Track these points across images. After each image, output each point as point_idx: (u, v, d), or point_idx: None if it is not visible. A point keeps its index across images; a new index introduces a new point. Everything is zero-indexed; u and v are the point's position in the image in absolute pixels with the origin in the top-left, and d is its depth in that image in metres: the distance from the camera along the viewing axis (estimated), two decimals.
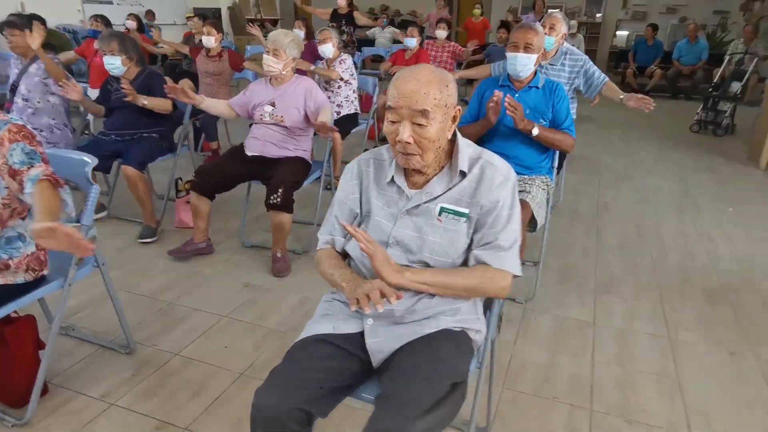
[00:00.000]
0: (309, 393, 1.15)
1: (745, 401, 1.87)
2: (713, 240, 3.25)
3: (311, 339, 1.27)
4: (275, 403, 1.12)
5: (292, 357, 1.24)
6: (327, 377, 1.20)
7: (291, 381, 1.16)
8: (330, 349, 1.25)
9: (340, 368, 1.24)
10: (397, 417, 1.06)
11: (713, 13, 11.24)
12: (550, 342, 2.20)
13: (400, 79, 1.20)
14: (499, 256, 1.24)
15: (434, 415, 1.10)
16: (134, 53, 3.03)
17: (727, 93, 6.14)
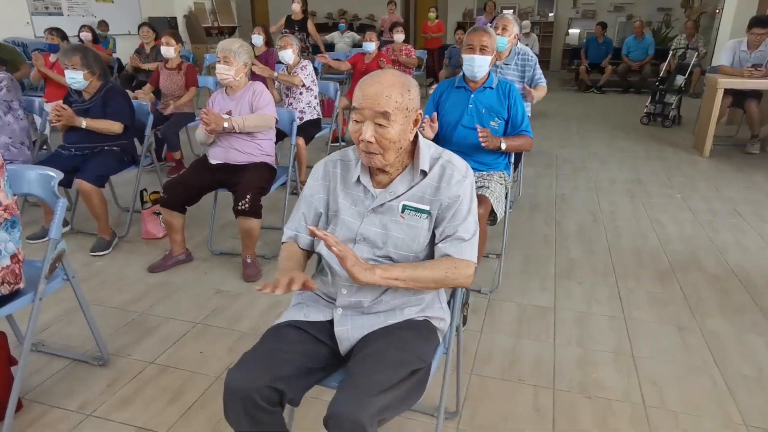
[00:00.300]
0: (279, 372, 1.21)
1: (692, 370, 2.02)
2: (663, 224, 3.45)
3: (283, 324, 1.35)
4: (246, 382, 1.18)
5: (264, 341, 1.30)
6: (297, 359, 1.26)
7: (261, 361, 1.22)
8: (300, 333, 1.33)
9: (309, 351, 1.30)
10: (355, 397, 1.12)
11: (657, 10, 11.76)
12: (514, 328, 2.31)
13: (365, 82, 1.28)
14: (462, 247, 1.33)
15: (391, 395, 1.16)
16: (97, 67, 3.01)
17: (673, 86, 6.46)
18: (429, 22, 8.83)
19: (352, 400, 1.12)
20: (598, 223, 3.48)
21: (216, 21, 11.98)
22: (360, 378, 1.18)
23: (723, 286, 2.66)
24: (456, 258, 1.32)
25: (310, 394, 1.36)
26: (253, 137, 2.82)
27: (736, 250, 3.05)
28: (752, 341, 2.20)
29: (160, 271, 2.80)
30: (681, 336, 2.25)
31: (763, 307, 2.46)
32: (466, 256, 1.32)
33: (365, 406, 1.10)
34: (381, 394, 1.14)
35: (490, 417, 1.80)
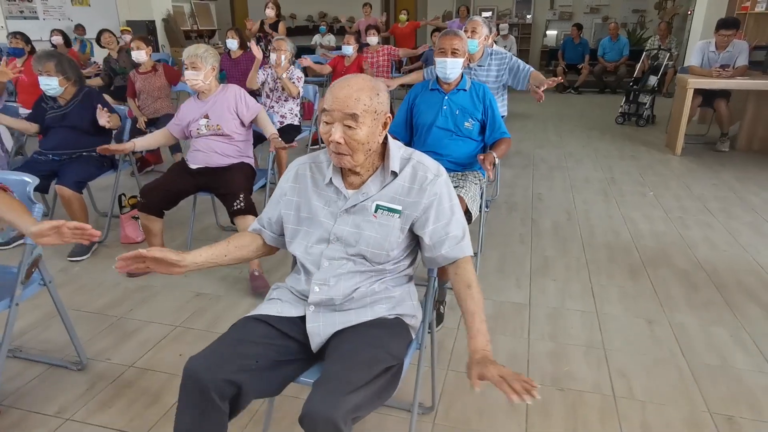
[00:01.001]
0: (240, 365, 1.24)
1: (660, 361, 2.09)
2: (635, 221, 3.54)
3: (252, 317, 1.38)
4: (205, 372, 1.20)
5: (231, 332, 1.33)
6: (263, 352, 1.29)
7: (224, 352, 1.25)
8: (267, 329, 1.36)
9: (277, 346, 1.33)
10: (328, 396, 1.15)
11: (632, 11, 12.01)
12: (490, 325, 2.30)
13: (336, 85, 1.32)
14: (461, 247, 1.40)
15: (365, 392, 1.19)
16: (72, 73, 3.01)
17: (646, 86, 6.61)
18: (399, 24, 8.91)
19: (325, 399, 1.14)
20: (573, 221, 3.56)
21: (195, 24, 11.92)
22: (333, 377, 1.20)
23: (691, 280, 2.75)
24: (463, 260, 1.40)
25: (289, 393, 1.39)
26: (231, 139, 2.84)
27: (705, 246, 3.15)
28: (717, 333, 2.28)
29: (140, 275, 2.80)
30: (650, 329, 2.32)
31: (729, 300, 2.55)
32: (467, 252, 1.40)
33: (339, 405, 1.13)
34: (354, 392, 1.17)
35: (465, 411, 1.84)
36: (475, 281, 1.38)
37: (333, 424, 1.11)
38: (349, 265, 1.38)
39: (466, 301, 1.36)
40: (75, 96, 3.05)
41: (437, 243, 1.39)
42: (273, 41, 4.16)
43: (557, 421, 1.79)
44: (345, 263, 1.38)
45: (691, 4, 9.56)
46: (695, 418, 1.79)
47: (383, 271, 1.41)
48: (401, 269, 1.46)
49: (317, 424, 1.12)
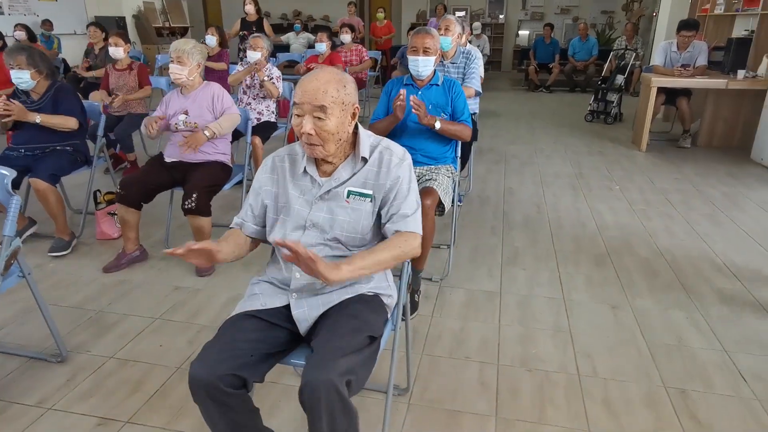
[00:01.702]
0: (240, 360, 1.30)
1: (622, 343, 2.22)
2: (601, 213, 3.69)
3: (241, 315, 1.43)
4: (209, 371, 1.26)
5: (223, 332, 1.38)
6: (256, 346, 1.35)
7: (222, 351, 1.30)
8: (258, 322, 1.41)
9: (268, 338, 1.39)
10: (322, 362, 1.23)
11: (601, 12, 12.32)
12: (462, 312, 2.46)
13: (305, 79, 1.39)
14: (407, 221, 1.45)
15: (354, 358, 1.27)
16: (44, 66, 2.99)
17: (614, 85, 6.83)
18: (378, 23, 8.99)
19: (320, 366, 1.22)
20: (542, 214, 3.69)
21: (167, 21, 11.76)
22: (323, 347, 1.28)
23: (652, 268, 2.90)
24: (404, 231, 1.44)
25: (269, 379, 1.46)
26: None
27: (665, 236, 3.31)
28: (675, 315, 2.42)
29: (115, 270, 2.81)
30: (614, 313, 2.45)
31: (686, 285, 2.70)
32: (410, 228, 1.45)
33: (333, 368, 1.21)
34: (344, 357, 1.25)
35: (439, 392, 1.93)
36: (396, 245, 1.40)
37: (332, 384, 1.19)
38: (326, 249, 1.45)
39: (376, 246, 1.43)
40: (48, 90, 3.04)
41: (389, 219, 1.46)
42: (249, 39, 4.19)
43: (525, 400, 1.89)
44: (322, 248, 1.45)
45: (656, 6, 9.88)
46: (652, 392, 1.91)
47: None
48: None
49: (318, 389, 1.19)
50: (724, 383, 1.96)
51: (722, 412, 1.82)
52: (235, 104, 2.95)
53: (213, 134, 2.79)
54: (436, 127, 2.55)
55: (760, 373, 2.02)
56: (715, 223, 3.50)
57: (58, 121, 2.97)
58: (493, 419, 1.80)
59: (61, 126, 2.99)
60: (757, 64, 5.15)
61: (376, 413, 1.81)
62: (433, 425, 1.78)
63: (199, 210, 2.67)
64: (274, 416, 1.80)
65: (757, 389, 1.93)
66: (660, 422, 1.77)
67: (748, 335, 2.26)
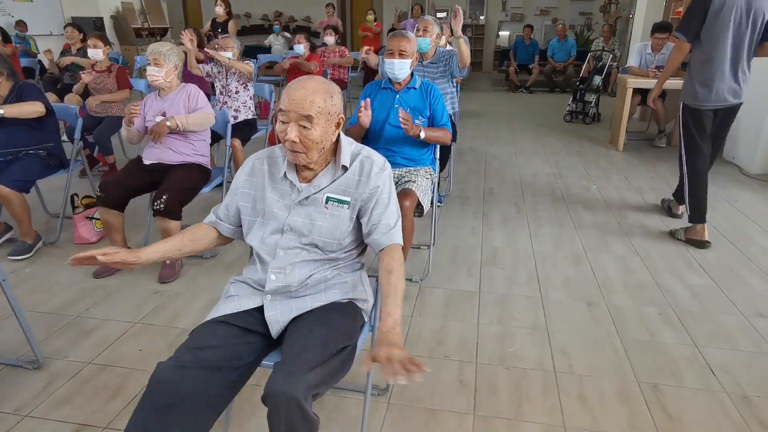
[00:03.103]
0: (208, 371, 1.28)
1: (597, 340, 2.27)
2: (578, 211, 3.76)
3: (213, 321, 1.42)
4: (171, 380, 1.23)
5: (194, 338, 1.36)
6: (225, 354, 1.33)
7: (187, 361, 1.27)
8: (228, 329, 1.39)
9: (240, 344, 1.37)
10: (289, 375, 1.22)
11: (579, 14, 12.49)
12: (442, 312, 2.49)
13: (292, 87, 1.40)
14: (391, 234, 1.48)
15: (322, 370, 1.27)
16: (4, 68, 2.93)
17: (591, 86, 6.93)
18: (368, 24, 9.00)
19: (286, 379, 1.21)
20: (521, 214, 3.75)
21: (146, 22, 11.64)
22: (292, 357, 1.28)
23: (627, 265, 2.96)
24: (390, 247, 1.46)
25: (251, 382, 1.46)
26: (188, 137, 2.87)
27: (641, 232, 3.38)
28: (648, 312, 2.48)
29: (107, 275, 2.76)
30: (590, 311, 2.50)
31: (659, 282, 2.76)
32: (395, 240, 1.48)
33: (299, 383, 1.21)
34: (312, 370, 1.25)
35: (418, 391, 1.96)
36: (398, 268, 1.43)
37: (294, 400, 1.19)
38: (303, 253, 1.47)
39: (383, 285, 1.42)
40: (11, 92, 2.97)
41: (372, 230, 1.48)
42: (219, 39, 4.18)
43: (503, 397, 1.93)
44: (299, 252, 1.47)
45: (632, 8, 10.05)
46: (625, 387, 1.96)
47: (336, 259, 1.50)
48: (352, 257, 1.55)
49: (280, 402, 1.19)
50: (694, 377, 2.02)
51: (692, 405, 1.87)
52: (209, 105, 2.94)
53: (176, 125, 2.73)
54: (421, 137, 2.58)
55: (727, 366, 2.08)
56: None
57: (24, 109, 2.89)
58: (471, 417, 1.83)
59: (29, 113, 2.91)
60: None
61: (355, 413, 1.83)
62: (413, 424, 1.80)
63: (167, 212, 2.63)
64: (255, 415, 1.80)
65: (725, 382, 1.99)
66: (633, 416, 1.82)
67: (717, 331, 2.33)
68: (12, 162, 2.95)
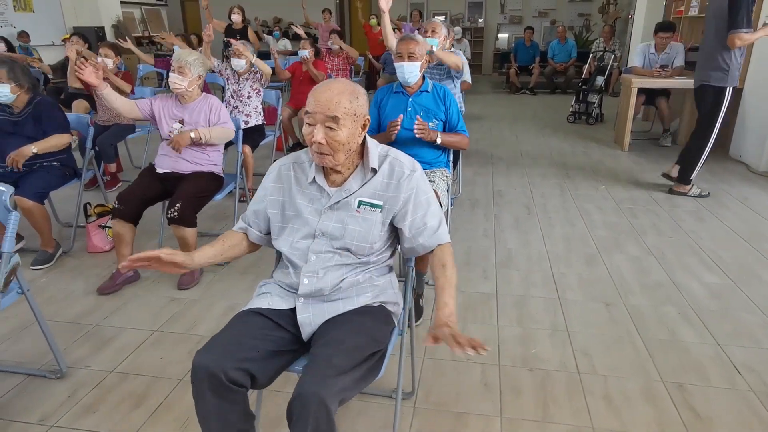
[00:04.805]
0: (246, 354, 1.32)
1: (618, 340, 2.27)
2: (589, 212, 3.76)
3: (248, 311, 1.46)
4: (214, 361, 1.27)
5: (231, 325, 1.41)
6: (261, 343, 1.37)
7: (229, 343, 1.32)
8: (264, 320, 1.44)
9: (273, 336, 1.41)
10: (318, 378, 1.24)
11: (578, 15, 12.53)
12: (461, 314, 2.49)
13: (318, 89, 1.40)
14: (437, 235, 1.49)
15: (350, 377, 1.28)
16: (25, 80, 2.94)
17: (594, 86, 6.96)
18: (372, 29, 9.02)
19: (315, 382, 1.23)
20: (532, 215, 3.75)
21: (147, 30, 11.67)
22: (322, 362, 1.29)
23: (642, 265, 2.96)
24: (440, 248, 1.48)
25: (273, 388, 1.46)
26: (203, 148, 2.87)
27: (653, 233, 3.39)
28: (667, 311, 2.48)
29: (111, 291, 2.73)
30: (608, 311, 2.50)
31: (675, 281, 2.76)
32: (443, 240, 1.49)
33: (327, 387, 1.22)
34: (341, 375, 1.26)
35: (443, 395, 1.95)
36: (450, 263, 1.47)
37: (323, 402, 1.20)
38: (335, 257, 1.47)
39: (438, 278, 1.45)
40: (28, 104, 2.98)
41: (416, 234, 1.49)
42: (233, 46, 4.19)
43: (528, 398, 1.92)
44: (332, 256, 1.47)
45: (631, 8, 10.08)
46: (650, 387, 1.96)
47: (367, 263, 1.50)
48: (383, 260, 1.55)
49: (309, 404, 1.20)
50: (719, 376, 2.02)
51: (720, 404, 1.87)
52: (230, 120, 2.94)
53: (199, 137, 2.74)
54: (437, 141, 2.58)
55: (752, 365, 2.08)
56: (700, 220, 3.59)
57: (53, 143, 2.95)
58: (498, 419, 1.82)
59: (57, 146, 2.98)
60: None
61: (381, 418, 1.83)
62: (440, 428, 1.80)
63: (182, 220, 2.63)
64: (281, 426, 1.80)
65: (752, 381, 1.99)
66: (661, 416, 1.82)
67: (738, 329, 2.33)
68: (28, 174, 2.94)
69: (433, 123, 2.70)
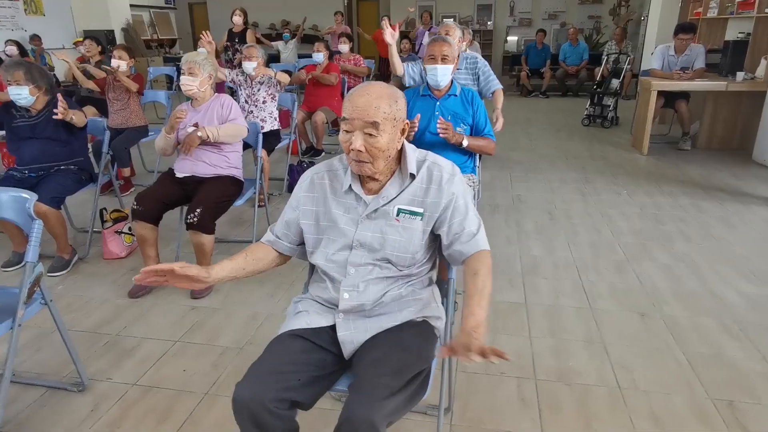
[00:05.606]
0: (287, 383, 1.25)
1: (657, 353, 2.18)
2: (613, 218, 3.67)
3: (286, 334, 1.38)
4: (255, 395, 1.20)
5: (269, 352, 1.33)
6: (303, 368, 1.30)
7: (269, 373, 1.25)
8: (303, 343, 1.36)
9: (314, 360, 1.33)
10: (367, 401, 1.17)
11: (588, 17, 12.44)
12: (490, 325, 2.41)
13: (355, 94, 1.33)
14: (476, 241, 1.40)
15: (400, 396, 1.22)
16: (42, 81, 2.90)
17: (609, 89, 6.86)
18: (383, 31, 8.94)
19: (364, 405, 1.16)
20: (555, 220, 3.67)
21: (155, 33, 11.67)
22: (369, 382, 1.22)
23: (673, 272, 2.87)
24: (476, 254, 1.39)
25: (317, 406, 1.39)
26: (221, 150, 2.80)
27: (681, 239, 3.30)
28: (705, 323, 2.39)
29: (142, 294, 2.67)
30: (644, 322, 2.41)
31: (710, 290, 2.67)
32: (481, 246, 1.40)
33: (377, 410, 1.15)
34: (390, 397, 1.19)
35: (479, 411, 1.87)
36: (484, 271, 1.36)
37: (374, 427, 1.13)
38: (375, 270, 1.39)
39: (467, 285, 1.36)
40: (46, 105, 2.94)
41: (454, 240, 1.41)
42: (243, 50, 4.13)
43: (569, 415, 1.84)
44: (372, 269, 1.39)
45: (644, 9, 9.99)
46: (698, 404, 1.87)
47: (409, 275, 1.43)
48: (425, 272, 1.48)
49: (359, 429, 1.13)
50: None
51: None
52: (241, 116, 2.87)
53: (207, 136, 2.66)
54: (463, 144, 2.51)
55: None
56: (729, 226, 3.50)
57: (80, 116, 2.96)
58: None
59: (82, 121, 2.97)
60: (754, 66, 5.20)
61: None
62: None
63: (201, 226, 2.57)
64: None
65: None
66: None
67: None
68: (44, 178, 2.89)
69: (461, 128, 2.63)
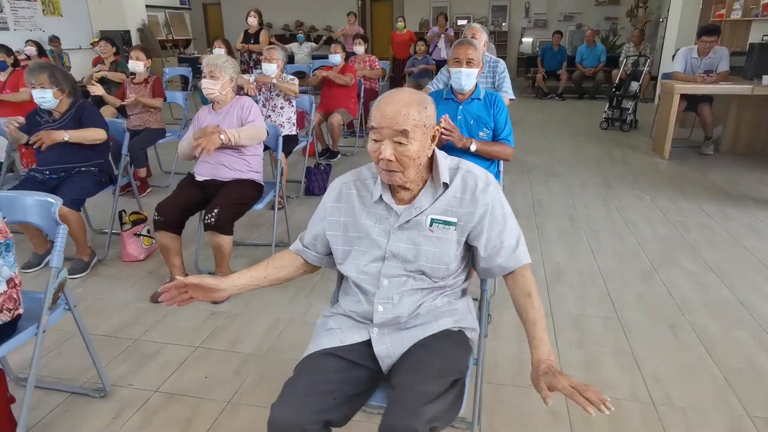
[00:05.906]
0: (323, 404, 1.21)
1: (690, 367, 2.11)
2: (636, 224, 3.60)
3: (320, 353, 1.33)
4: (293, 417, 1.17)
5: (303, 371, 1.29)
6: (338, 388, 1.26)
7: (304, 394, 1.21)
8: (338, 362, 1.31)
9: (349, 378, 1.29)
10: (407, 407, 1.14)
11: (604, 19, 12.32)
12: (516, 335, 2.35)
13: (382, 101, 1.28)
14: (517, 255, 1.36)
15: (440, 404, 1.18)
16: (66, 84, 2.90)
17: (629, 92, 6.77)
18: (398, 32, 8.90)
19: (405, 411, 1.13)
20: (577, 226, 3.60)
21: (170, 34, 11.73)
22: (408, 389, 1.19)
23: (702, 281, 2.80)
24: (521, 272, 1.36)
25: None
26: (241, 153, 2.78)
27: (708, 247, 3.22)
28: (739, 335, 2.32)
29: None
30: (674, 333, 2.34)
31: (742, 300, 2.60)
32: (523, 261, 1.36)
33: (418, 416, 1.12)
34: (430, 403, 1.16)
35: (508, 424, 1.82)
36: (535, 289, 1.35)
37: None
38: (410, 281, 1.35)
39: (527, 310, 1.32)
40: (70, 108, 2.94)
41: (492, 253, 1.36)
42: (264, 51, 4.11)
43: (602, 431, 1.78)
44: (406, 280, 1.35)
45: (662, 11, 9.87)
46: (737, 422, 1.81)
47: (444, 286, 1.38)
48: (459, 283, 1.43)
49: None
50: None
51: None
52: (261, 118, 2.84)
53: (228, 139, 2.63)
54: (471, 149, 2.46)
55: None
56: (759, 234, 3.41)
57: (87, 134, 2.89)
58: None
59: (92, 138, 2.92)
60: None
61: None
62: None
63: (218, 226, 2.54)
64: None
65: None
66: None
67: None
68: (65, 180, 2.89)
69: (483, 133, 2.58)
